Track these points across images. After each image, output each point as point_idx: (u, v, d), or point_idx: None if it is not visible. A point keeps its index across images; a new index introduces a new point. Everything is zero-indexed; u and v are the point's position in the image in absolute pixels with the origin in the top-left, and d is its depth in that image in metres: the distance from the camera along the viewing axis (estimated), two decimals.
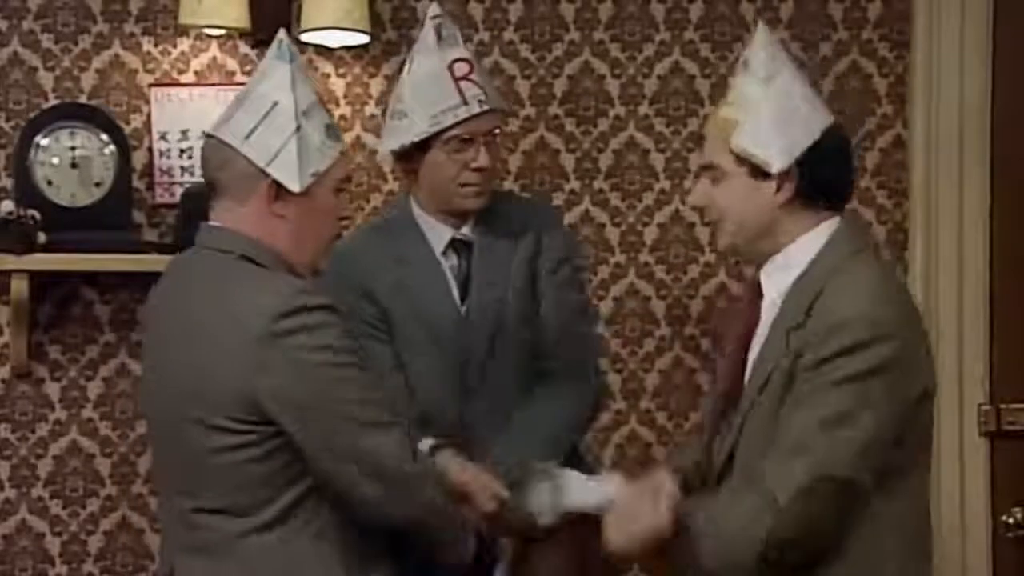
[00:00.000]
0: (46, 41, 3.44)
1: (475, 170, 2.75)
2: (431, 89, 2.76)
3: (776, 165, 2.20)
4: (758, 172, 2.21)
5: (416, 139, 2.75)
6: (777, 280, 2.25)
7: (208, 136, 2.30)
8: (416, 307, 2.78)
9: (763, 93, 2.24)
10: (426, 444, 2.54)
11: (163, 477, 2.38)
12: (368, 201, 3.52)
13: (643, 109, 3.58)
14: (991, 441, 3.53)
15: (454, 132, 2.74)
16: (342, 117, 3.49)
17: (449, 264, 2.82)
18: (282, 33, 2.35)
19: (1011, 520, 3.44)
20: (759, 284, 2.29)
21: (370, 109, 3.51)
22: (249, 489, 2.17)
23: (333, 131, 2.31)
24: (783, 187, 2.21)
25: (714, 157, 2.27)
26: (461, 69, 2.78)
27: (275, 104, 2.24)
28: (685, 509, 2.16)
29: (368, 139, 3.51)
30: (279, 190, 2.22)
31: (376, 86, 3.51)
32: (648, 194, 3.59)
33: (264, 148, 2.21)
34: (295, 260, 2.26)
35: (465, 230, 2.83)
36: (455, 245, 2.83)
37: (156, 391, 2.29)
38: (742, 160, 2.22)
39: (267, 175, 2.21)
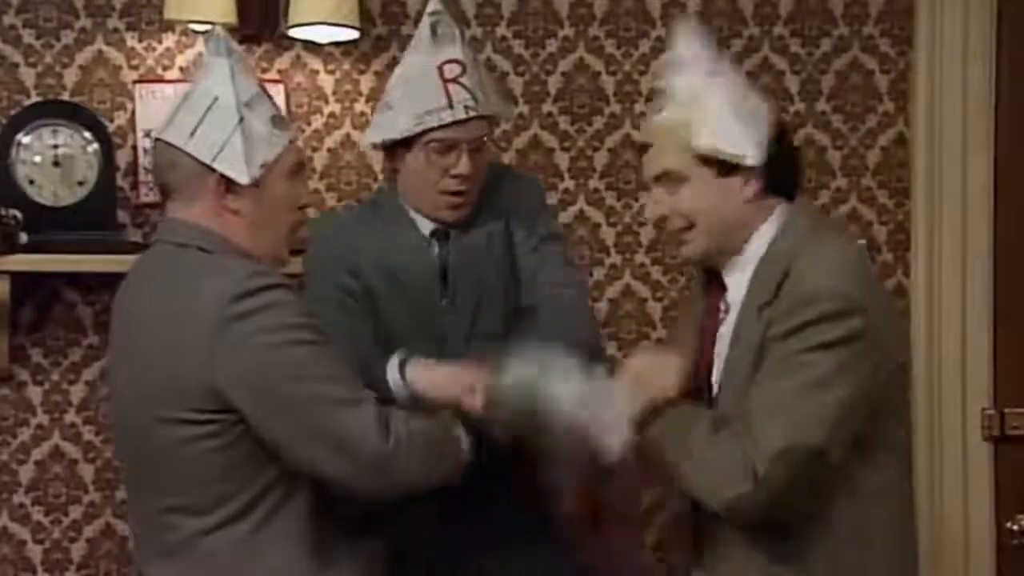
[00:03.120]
0: (28, 37, 3.40)
1: (455, 176, 2.69)
2: (418, 88, 2.70)
3: (752, 158, 2.20)
4: (724, 169, 2.21)
5: (398, 137, 2.70)
6: (740, 275, 2.26)
7: (156, 140, 2.32)
8: (400, 287, 2.73)
9: (711, 88, 2.23)
10: (394, 361, 2.51)
11: (131, 480, 2.38)
12: (358, 200, 3.46)
13: (639, 107, 3.53)
14: (995, 446, 3.51)
15: (436, 135, 2.68)
16: (331, 114, 3.46)
17: (433, 251, 2.77)
18: (218, 29, 2.37)
19: (1015, 527, 3.41)
20: (721, 281, 2.30)
21: (360, 106, 3.47)
22: (214, 482, 2.16)
23: (280, 120, 2.32)
24: (749, 182, 2.22)
25: (669, 164, 2.25)
26: (452, 71, 2.70)
27: (215, 99, 2.26)
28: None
29: (357, 136, 3.48)
30: (228, 184, 2.23)
31: (366, 83, 3.47)
32: (645, 193, 3.51)
33: (208, 144, 2.23)
34: (256, 253, 2.26)
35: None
36: (436, 234, 2.77)
37: (118, 390, 2.31)
38: (706, 159, 2.21)
39: (213, 171, 2.23)
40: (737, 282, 2.27)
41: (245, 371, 2.11)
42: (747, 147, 2.20)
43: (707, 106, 2.21)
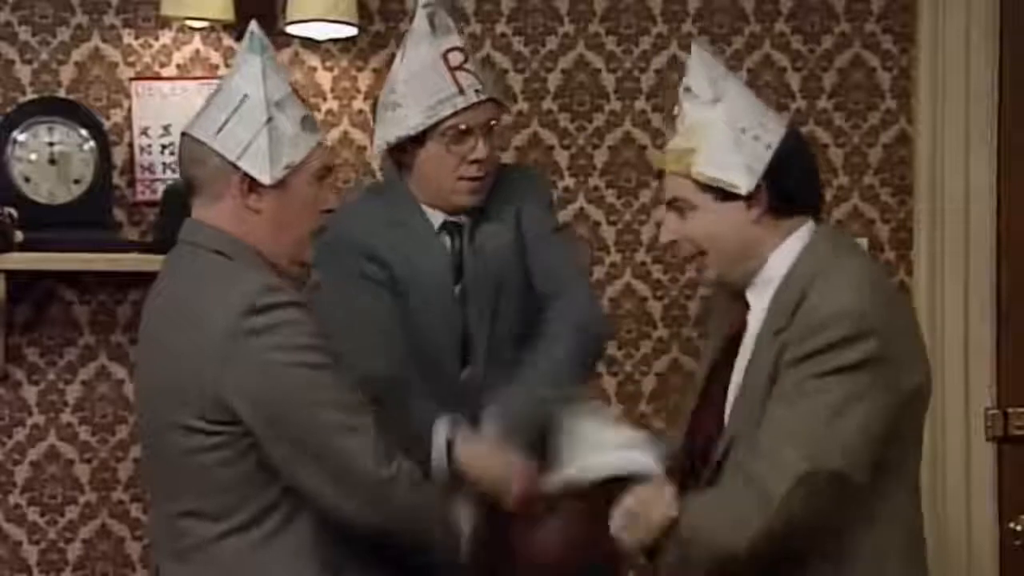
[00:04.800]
0: (23, 33, 3.38)
1: (474, 162, 2.69)
2: (426, 80, 2.70)
3: (743, 186, 2.20)
4: (725, 195, 2.22)
5: (412, 132, 2.69)
6: (761, 293, 2.25)
7: (183, 134, 2.29)
8: (414, 272, 2.72)
9: (712, 116, 2.25)
10: (441, 433, 2.47)
11: (149, 482, 2.38)
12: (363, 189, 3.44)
13: (639, 104, 3.51)
14: (998, 446, 3.49)
15: (451, 123, 2.68)
16: (329, 112, 3.44)
17: (445, 244, 2.76)
18: (254, 25, 2.33)
19: (1019, 527, 3.35)
20: (744, 298, 2.29)
21: (358, 103, 3.45)
22: (223, 491, 2.15)
23: (310, 122, 2.29)
24: (753, 205, 2.22)
25: (677, 191, 2.27)
26: (456, 59, 2.71)
27: (245, 97, 2.23)
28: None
29: (356, 134, 3.45)
30: (251, 183, 2.21)
31: (364, 80, 3.45)
32: (645, 191, 3.53)
33: (234, 141, 2.20)
34: (273, 254, 2.24)
35: (457, 215, 2.77)
36: (447, 227, 2.77)
37: (140, 392, 2.31)
38: (706, 187, 2.22)
39: (238, 169, 2.20)
40: (758, 300, 2.25)
41: (251, 386, 2.09)
42: (737, 175, 2.20)
43: (708, 134, 2.23)
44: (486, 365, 2.73)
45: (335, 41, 3.42)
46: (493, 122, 2.75)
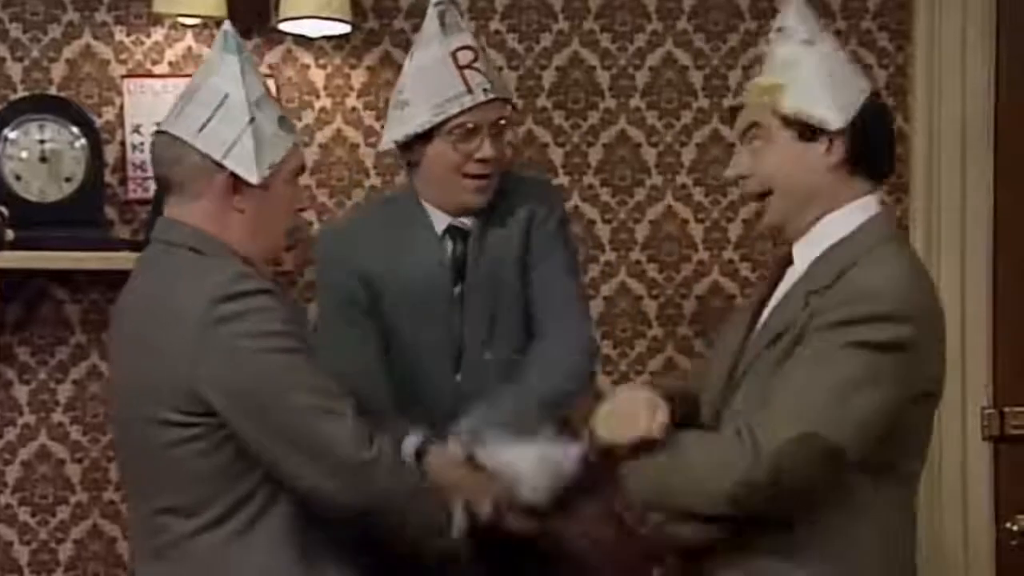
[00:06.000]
0: (14, 30, 3.37)
1: (479, 161, 2.69)
2: (434, 78, 2.69)
3: (835, 122, 2.19)
4: (807, 133, 2.20)
5: (419, 130, 2.69)
6: (809, 249, 2.22)
7: (158, 132, 2.29)
8: (410, 288, 2.71)
9: (806, 54, 2.24)
10: (411, 444, 2.45)
11: (127, 480, 2.37)
12: (349, 197, 3.44)
13: (634, 101, 3.50)
14: (994, 446, 3.48)
15: (458, 121, 2.67)
16: (322, 109, 3.43)
17: (446, 248, 2.75)
18: (227, 24, 2.34)
19: (1015, 527, 3.34)
20: (789, 254, 2.27)
21: (351, 101, 3.44)
22: (199, 484, 2.16)
23: (286, 122, 2.31)
24: (833, 148, 2.20)
25: (756, 117, 2.25)
26: (465, 57, 2.70)
27: (226, 96, 2.24)
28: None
29: (349, 132, 3.44)
30: (237, 183, 2.21)
31: (357, 77, 3.43)
32: (639, 189, 3.52)
33: (218, 140, 2.21)
34: (249, 252, 2.25)
35: (463, 219, 2.75)
36: (451, 231, 2.76)
37: (115, 391, 2.32)
38: (790, 122, 2.21)
39: (223, 168, 2.21)
40: (804, 257, 2.23)
41: (223, 375, 2.10)
42: (830, 111, 2.18)
43: (799, 72, 2.22)
44: (479, 372, 2.71)
45: (328, 38, 3.41)
46: (502, 121, 2.74)
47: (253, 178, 2.20)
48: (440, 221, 2.75)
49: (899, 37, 3.53)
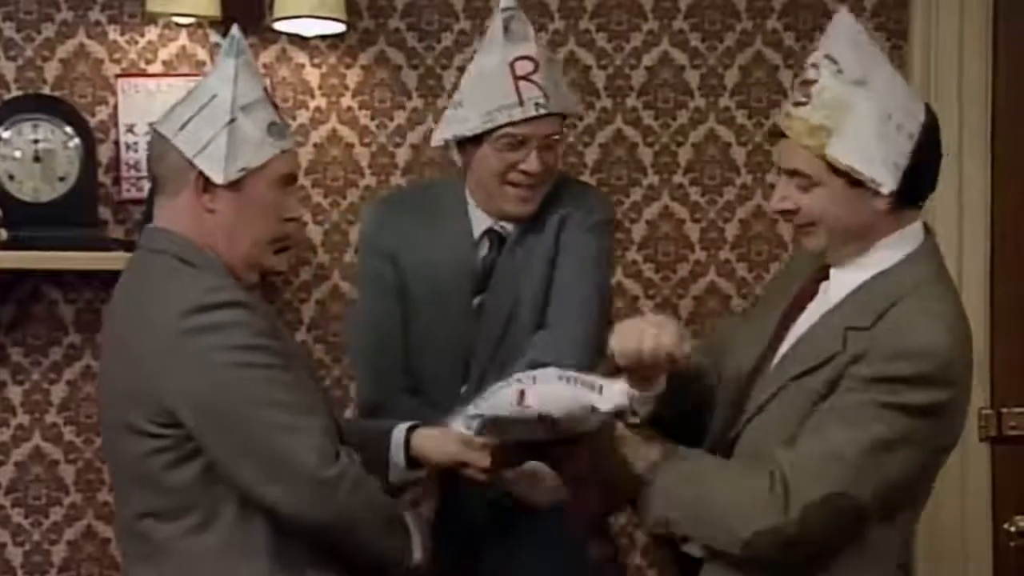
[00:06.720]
0: (8, 30, 3.36)
1: (523, 172, 2.68)
2: (488, 85, 2.68)
3: (887, 184, 2.09)
4: (856, 182, 2.11)
5: (468, 133, 2.69)
6: (849, 274, 2.17)
7: (152, 128, 2.32)
8: (433, 287, 2.73)
9: (857, 97, 2.11)
10: (402, 429, 2.45)
11: (114, 484, 2.38)
12: (344, 197, 3.43)
13: (630, 101, 3.50)
14: (992, 446, 3.47)
15: (507, 131, 2.67)
16: (317, 109, 3.42)
17: (480, 252, 2.75)
18: (235, 29, 2.33)
19: (1013, 528, 3.33)
20: (826, 269, 2.22)
21: (346, 101, 3.43)
22: (174, 494, 2.16)
23: (277, 129, 2.29)
24: (881, 195, 2.11)
25: (802, 165, 2.14)
26: (524, 68, 2.68)
27: (213, 97, 2.25)
28: (680, 457, 2.16)
29: (344, 132, 3.43)
30: (206, 182, 2.22)
31: (352, 77, 3.42)
32: (635, 189, 3.52)
33: (194, 139, 2.22)
34: (230, 257, 2.24)
35: (504, 223, 2.75)
36: (490, 235, 2.76)
37: (100, 396, 2.33)
38: (839, 171, 2.11)
39: (194, 167, 2.21)
40: (841, 282, 2.18)
41: (189, 388, 2.10)
42: (882, 172, 2.09)
43: (849, 119, 2.10)
44: (484, 386, 2.65)
45: (323, 38, 3.40)
46: (555, 137, 2.72)
47: (218, 178, 2.20)
48: (481, 222, 2.76)
49: (896, 37, 3.52)
